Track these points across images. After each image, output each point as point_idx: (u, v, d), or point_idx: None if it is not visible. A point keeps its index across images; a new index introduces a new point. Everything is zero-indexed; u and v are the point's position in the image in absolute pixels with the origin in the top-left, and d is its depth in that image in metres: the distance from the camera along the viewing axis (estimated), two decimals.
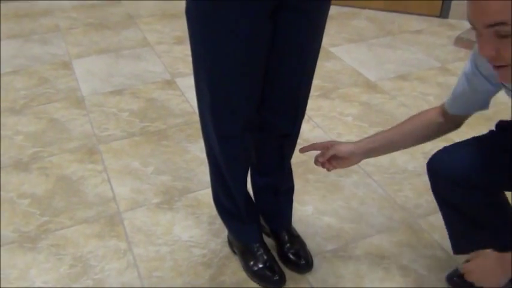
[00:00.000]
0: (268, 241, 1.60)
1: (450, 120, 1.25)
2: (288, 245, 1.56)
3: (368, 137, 1.33)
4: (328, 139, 2.14)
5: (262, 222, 1.61)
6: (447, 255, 1.59)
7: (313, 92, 2.49)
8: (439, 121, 1.26)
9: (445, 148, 1.25)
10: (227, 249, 1.63)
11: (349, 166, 1.35)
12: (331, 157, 1.32)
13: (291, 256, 1.54)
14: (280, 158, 1.47)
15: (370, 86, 2.58)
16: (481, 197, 1.21)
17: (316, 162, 1.35)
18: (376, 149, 1.31)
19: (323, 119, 2.31)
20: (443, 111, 1.26)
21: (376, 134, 1.33)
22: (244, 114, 1.28)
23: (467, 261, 1.15)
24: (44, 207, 1.82)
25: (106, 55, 2.95)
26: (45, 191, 1.90)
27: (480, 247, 1.14)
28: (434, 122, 1.27)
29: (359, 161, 1.32)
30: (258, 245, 1.53)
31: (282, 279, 1.49)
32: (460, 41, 2.98)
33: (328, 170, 1.35)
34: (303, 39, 1.20)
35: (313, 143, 1.38)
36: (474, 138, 1.24)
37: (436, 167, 1.25)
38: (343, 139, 2.14)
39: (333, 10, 2.85)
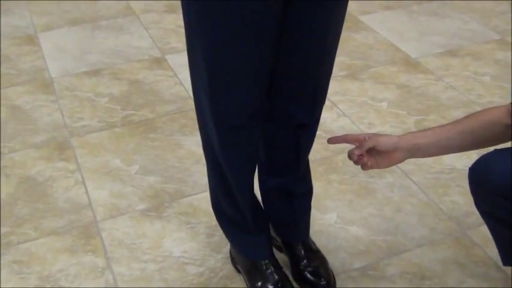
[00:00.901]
0: (280, 257, 1.61)
1: None
2: (305, 261, 1.57)
3: (416, 131, 1.33)
4: (358, 130, 2.15)
5: (273, 233, 1.62)
6: (503, 275, 1.59)
7: (337, 72, 2.49)
8: (505, 122, 1.24)
9: (491, 154, 1.25)
10: (229, 267, 1.64)
11: (389, 166, 1.34)
12: (369, 151, 1.32)
13: (309, 275, 1.55)
14: (295, 154, 1.48)
15: (411, 64, 2.58)
16: None
17: (352, 155, 1.32)
18: (425, 146, 1.30)
19: (350, 106, 2.31)
20: (511, 110, 1.24)
21: (427, 129, 1.32)
22: (250, 98, 1.28)
23: None
24: (4, 216, 1.84)
25: (80, 27, 2.97)
26: (6, 195, 1.92)
27: None
28: (499, 122, 1.25)
29: (402, 160, 1.32)
30: (267, 261, 1.53)
31: None
32: None
33: (364, 167, 1.33)
34: (324, 4, 1.20)
35: (346, 134, 1.38)
36: None
37: (481, 176, 1.25)
38: (375, 131, 2.14)
39: None
